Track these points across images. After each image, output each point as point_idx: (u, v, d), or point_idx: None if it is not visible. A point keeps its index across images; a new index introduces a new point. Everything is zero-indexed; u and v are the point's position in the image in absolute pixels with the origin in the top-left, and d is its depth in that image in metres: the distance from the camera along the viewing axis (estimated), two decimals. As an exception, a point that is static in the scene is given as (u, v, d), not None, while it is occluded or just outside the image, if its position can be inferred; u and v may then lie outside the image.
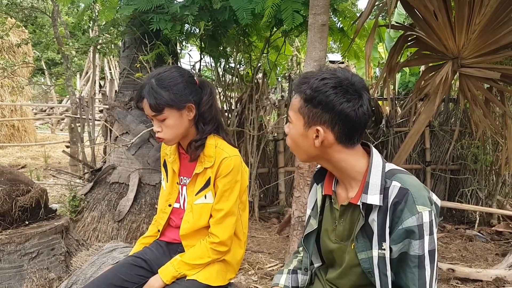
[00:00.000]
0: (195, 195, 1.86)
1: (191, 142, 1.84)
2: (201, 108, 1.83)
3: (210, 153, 1.82)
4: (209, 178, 1.83)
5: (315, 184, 1.57)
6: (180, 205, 1.94)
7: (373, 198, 1.32)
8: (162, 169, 2.03)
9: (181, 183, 1.95)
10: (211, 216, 1.85)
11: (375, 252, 1.34)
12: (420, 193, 1.30)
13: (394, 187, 1.31)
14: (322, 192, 1.52)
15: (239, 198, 1.87)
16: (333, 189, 1.49)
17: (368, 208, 1.34)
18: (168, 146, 1.96)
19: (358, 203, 1.36)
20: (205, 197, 1.84)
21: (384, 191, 1.33)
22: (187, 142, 1.87)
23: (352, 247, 1.40)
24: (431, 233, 1.28)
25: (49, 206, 3.41)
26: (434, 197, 1.37)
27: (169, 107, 1.75)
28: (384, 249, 1.32)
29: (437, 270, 1.35)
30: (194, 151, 1.83)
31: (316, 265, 1.61)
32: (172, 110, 1.76)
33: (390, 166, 1.40)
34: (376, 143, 5.64)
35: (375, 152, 1.41)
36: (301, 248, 1.71)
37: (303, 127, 1.37)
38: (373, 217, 1.33)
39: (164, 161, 2.01)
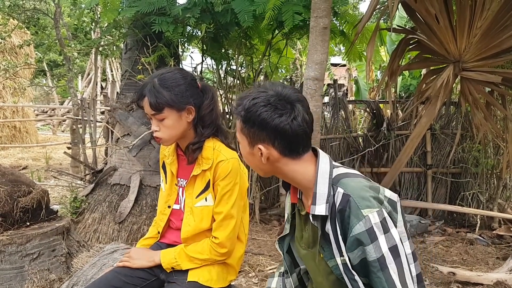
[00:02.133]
0: (196, 197, 1.86)
1: (189, 144, 1.85)
2: (201, 111, 1.84)
3: (208, 155, 1.83)
4: (209, 181, 1.83)
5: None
6: (180, 207, 1.94)
7: (320, 208, 1.32)
8: (161, 170, 2.03)
9: (179, 185, 1.95)
10: (214, 219, 1.86)
11: (338, 260, 1.33)
12: (363, 196, 1.28)
13: (338, 193, 1.30)
14: (290, 201, 1.53)
15: (240, 200, 1.88)
16: (298, 196, 1.49)
17: (323, 217, 1.34)
18: (166, 147, 1.97)
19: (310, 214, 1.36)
20: (206, 200, 1.85)
21: (332, 198, 1.32)
22: (186, 144, 1.87)
23: (321, 256, 1.40)
24: (385, 231, 1.26)
25: (50, 207, 3.41)
26: (388, 193, 1.36)
27: (169, 107, 1.76)
28: (344, 256, 1.31)
29: (409, 260, 1.31)
30: (192, 153, 1.84)
31: (302, 267, 1.61)
32: (172, 111, 1.77)
33: (337, 171, 1.38)
34: (377, 146, 5.65)
35: (321, 159, 1.40)
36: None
37: (248, 147, 1.40)
38: (328, 226, 1.33)
39: (163, 163, 2.02)
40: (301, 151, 1.38)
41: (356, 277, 1.30)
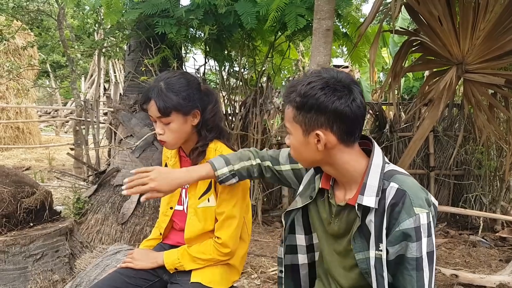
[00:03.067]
0: (199, 198, 1.87)
1: (194, 148, 1.86)
2: (205, 115, 1.85)
3: (209, 157, 1.84)
4: (211, 181, 1.84)
5: (313, 171, 1.57)
6: (183, 208, 1.95)
7: (369, 200, 1.32)
8: None
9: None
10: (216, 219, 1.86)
11: (372, 253, 1.33)
12: (418, 195, 1.30)
13: (392, 188, 1.31)
14: (319, 185, 1.51)
15: (242, 200, 1.88)
16: (330, 183, 1.49)
17: (365, 209, 1.34)
18: (169, 150, 1.98)
19: (355, 204, 1.36)
20: (208, 201, 1.86)
21: (382, 192, 1.32)
22: (188, 146, 1.89)
23: (350, 247, 1.40)
24: (429, 235, 1.28)
25: (54, 208, 3.42)
26: (432, 198, 1.37)
27: (176, 111, 1.77)
28: (381, 250, 1.31)
29: (435, 273, 1.34)
30: (196, 157, 1.85)
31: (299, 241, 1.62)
32: (179, 115, 1.78)
33: (390, 167, 1.39)
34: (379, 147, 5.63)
35: (376, 152, 1.40)
36: (255, 155, 1.77)
37: (302, 135, 1.37)
38: (370, 218, 1.33)
39: (165, 164, 2.03)
40: (357, 136, 1.37)
41: (385, 274, 1.32)
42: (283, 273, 1.65)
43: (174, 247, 1.96)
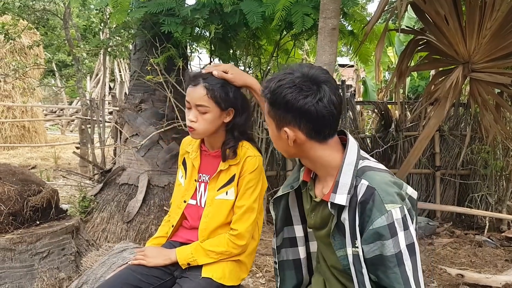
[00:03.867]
0: (217, 190, 1.90)
1: (226, 146, 1.90)
2: (240, 120, 1.91)
3: (239, 153, 1.89)
4: (234, 175, 1.89)
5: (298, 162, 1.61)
6: (196, 202, 1.98)
7: (340, 198, 1.33)
8: (181, 166, 2.07)
9: (199, 180, 1.99)
10: (233, 213, 1.90)
11: (349, 250, 1.34)
12: (387, 191, 1.29)
13: (362, 185, 1.31)
14: (302, 177, 1.54)
15: (261, 198, 1.92)
16: (311, 176, 1.51)
17: (340, 206, 1.35)
18: (187, 144, 2.04)
19: (328, 201, 1.37)
20: (227, 194, 1.89)
21: (354, 189, 1.33)
22: (213, 141, 1.93)
23: (329, 241, 1.42)
24: (406, 228, 1.27)
25: (60, 206, 3.44)
26: (409, 190, 1.37)
27: (217, 104, 1.82)
28: (357, 247, 1.32)
29: (420, 261, 1.33)
30: (230, 154, 1.89)
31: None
32: (217, 108, 1.83)
33: (364, 163, 1.38)
34: (385, 147, 5.63)
35: (350, 148, 1.39)
36: None
37: (276, 130, 1.41)
38: (344, 216, 1.34)
39: (184, 158, 2.06)
40: (327, 134, 1.37)
41: (364, 270, 1.32)
42: (286, 270, 1.67)
43: (184, 245, 1.96)
